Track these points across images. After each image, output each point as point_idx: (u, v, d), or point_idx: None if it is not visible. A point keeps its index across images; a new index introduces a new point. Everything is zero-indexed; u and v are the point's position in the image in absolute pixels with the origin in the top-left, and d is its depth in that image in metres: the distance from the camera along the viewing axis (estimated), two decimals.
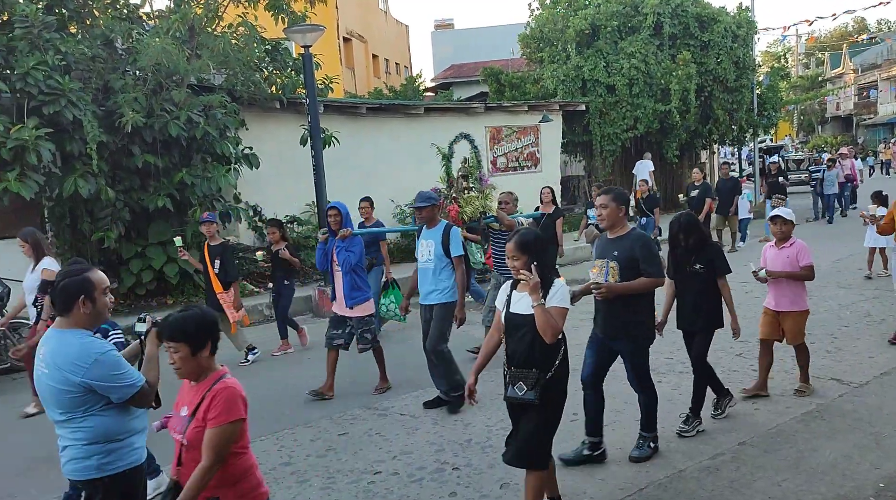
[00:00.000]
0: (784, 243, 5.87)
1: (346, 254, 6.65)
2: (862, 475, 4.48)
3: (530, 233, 3.98)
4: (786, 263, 5.80)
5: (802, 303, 5.83)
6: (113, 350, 3.11)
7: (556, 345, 3.86)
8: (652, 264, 4.69)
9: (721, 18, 19.49)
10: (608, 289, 4.65)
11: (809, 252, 5.76)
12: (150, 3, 11.41)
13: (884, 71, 47.00)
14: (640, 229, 12.83)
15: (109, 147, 9.84)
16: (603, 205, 4.73)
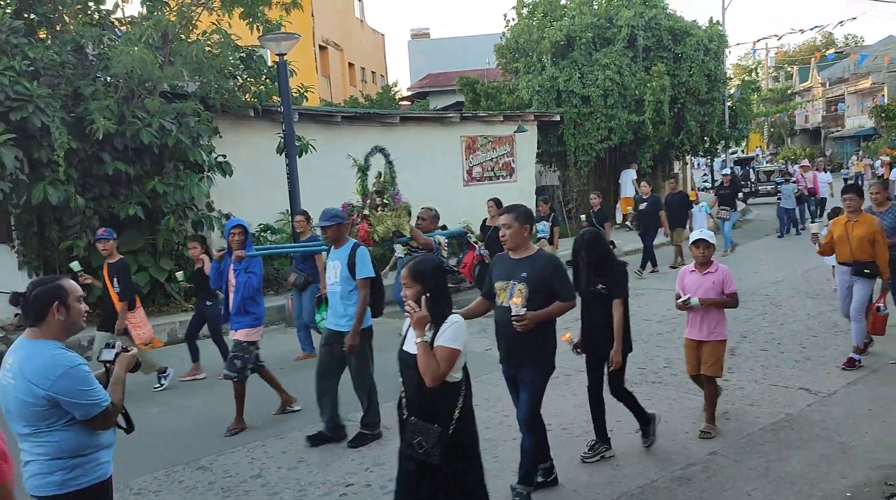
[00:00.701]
0: (707, 269, 5.45)
1: (247, 276, 6.24)
2: (829, 485, 4.54)
3: (428, 261, 3.61)
4: (710, 289, 5.40)
5: (722, 332, 5.48)
6: (84, 365, 3.01)
7: (450, 393, 3.43)
8: (566, 287, 4.48)
9: (693, 32, 19.80)
10: (531, 320, 4.31)
11: (733, 279, 5.44)
12: (122, 10, 11.32)
13: (851, 85, 48.01)
14: None
15: (79, 154, 9.70)
16: (506, 225, 4.43)
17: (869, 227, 6.74)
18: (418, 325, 3.37)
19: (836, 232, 6.99)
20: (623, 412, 6.01)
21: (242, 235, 6.39)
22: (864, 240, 6.72)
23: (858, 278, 6.81)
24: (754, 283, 11.23)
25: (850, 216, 6.91)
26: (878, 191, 7.67)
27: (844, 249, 6.89)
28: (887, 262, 6.71)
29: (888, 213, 7.50)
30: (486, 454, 5.29)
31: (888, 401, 5.91)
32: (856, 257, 6.77)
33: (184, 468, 5.51)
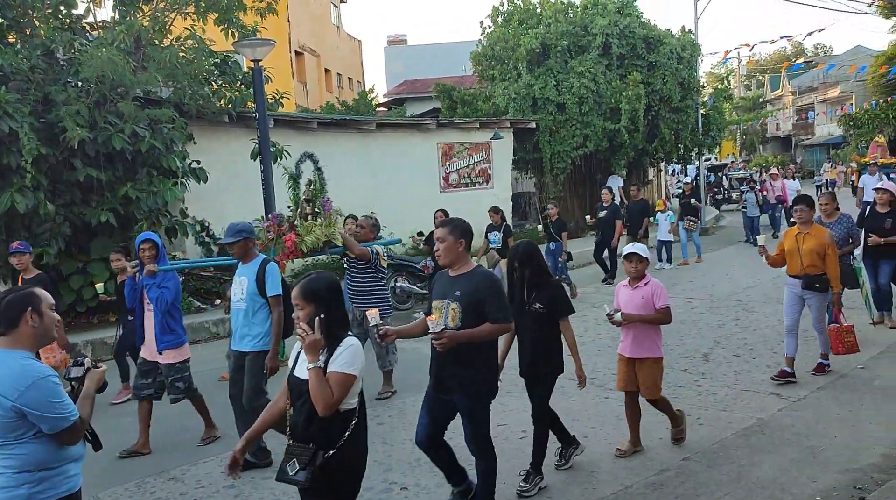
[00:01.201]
0: (639, 283, 5.22)
1: (159, 291, 5.87)
2: (799, 489, 4.60)
3: (322, 279, 3.29)
4: (640, 304, 5.17)
5: (657, 350, 5.23)
6: (54, 377, 2.95)
7: (343, 419, 3.16)
8: (499, 308, 4.13)
9: (667, 40, 20.05)
10: (450, 339, 4.02)
11: (666, 293, 5.22)
12: (93, 14, 11.16)
13: (820, 94, 48.92)
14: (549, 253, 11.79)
15: (49, 160, 9.55)
16: (440, 239, 4.17)
17: (819, 239, 6.58)
18: (310, 349, 3.09)
19: (787, 244, 6.80)
20: (597, 418, 6.06)
21: (153, 249, 6.00)
22: (814, 253, 6.54)
23: (810, 293, 6.65)
24: (727, 289, 11.37)
25: (801, 228, 6.73)
26: (827, 202, 7.70)
27: (795, 261, 6.70)
28: (838, 275, 6.57)
29: (838, 223, 7.57)
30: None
31: (856, 405, 6.01)
32: (806, 271, 6.59)
33: (155, 479, 5.43)
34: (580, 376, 4.94)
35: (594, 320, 9.92)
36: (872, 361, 7.23)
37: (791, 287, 6.82)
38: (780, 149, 56.41)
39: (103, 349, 9.46)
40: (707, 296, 11.16)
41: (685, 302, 10.82)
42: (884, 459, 4.98)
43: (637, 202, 13.97)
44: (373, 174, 14.66)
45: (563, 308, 4.85)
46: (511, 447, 5.58)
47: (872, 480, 4.66)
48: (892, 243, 8.17)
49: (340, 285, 3.39)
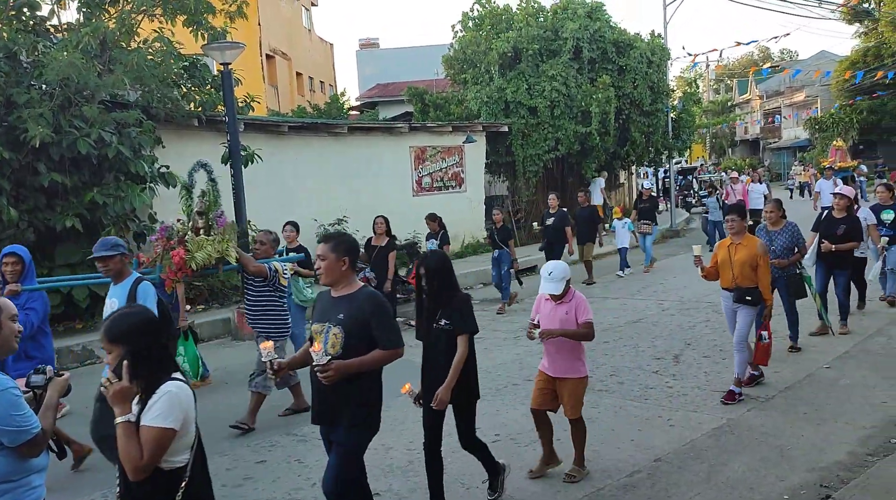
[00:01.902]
0: (562, 298, 4.89)
1: (24, 313, 5.24)
2: (768, 488, 4.66)
3: (131, 315, 2.85)
4: (563, 320, 4.85)
5: (581, 368, 4.92)
6: (14, 388, 2.87)
7: (168, 480, 2.72)
8: (389, 331, 3.77)
9: (637, 45, 20.26)
10: (337, 371, 3.62)
11: (589, 307, 4.91)
12: (58, 16, 10.96)
13: (787, 98, 49.88)
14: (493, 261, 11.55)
15: (12, 164, 9.35)
16: (321, 256, 3.80)
17: (751, 250, 6.31)
18: (116, 400, 2.66)
19: (720, 255, 6.56)
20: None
21: (18, 264, 5.48)
22: (746, 264, 6.29)
23: (741, 306, 6.38)
24: (698, 291, 11.51)
25: (733, 239, 6.49)
26: (772, 210, 7.52)
27: (727, 273, 6.45)
28: (769, 287, 6.35)
29: (783, 232, 7.39)
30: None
31: (822, 405, 6.12)
32: (738, 283, 6.34)
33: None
34: (441, 398, 4.31)
35: None
36: (838, 361, 7.36)
37: (725, 300, 6.64)
38: (749, 152, 57.35)
39: (68, 357, 9.28)
40: (678, 298, 11.28)
41: (657, 304, 10.92)
42: (849, 457, 5.07)
43: (584, 209, 13.38)
44: (345, 178, 14.59)
45: (465, 324, 4.36)
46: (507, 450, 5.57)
47: (838, 478, 4.74)
48: (843, 251, 8.07)
49: (157, 320, 3.03)
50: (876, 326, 8.63)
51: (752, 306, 6.30)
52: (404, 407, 6.61)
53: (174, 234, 6.62)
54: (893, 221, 9.31)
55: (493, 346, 8.93)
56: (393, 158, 16.03)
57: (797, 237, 7.41)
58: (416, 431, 6.01)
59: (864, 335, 8.24)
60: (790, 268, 7.37)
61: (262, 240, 6.82)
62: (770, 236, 7.42)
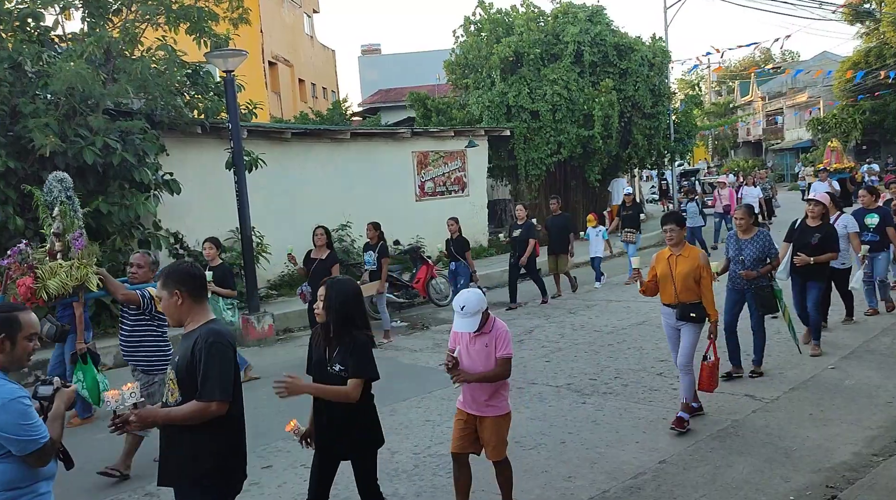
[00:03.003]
0: (480, 330, 4.30)
1: None
2: (774, 489, 4.67)
3: None
4: (480, 354, 4.34)
5: (503, 403, 4.43)
6: (24, 398, 2.90)
7: None
8: (209, 379, 3.15)
9: (638, 48, 20.29)
10: (138, 422, 3.19)
11: (509, 339, 4.38)
12: (62, 26, 11.03)
13: (788, 99, 49.82)
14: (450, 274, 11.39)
15: (18, 174, 9.41)
16: (157, 297, 3.45)
17: (693, 262, 5.79)
18: None
19: (659, 269, 5.98)
20: (574, 423, 6.08)
21: None
22: (688, 278, 5.75)
23: (684, 323, 5.84)
24: None
25: (673, 250, 5.92)
26: (742, 217, 6.96)
27: (668, 288, 5.89)
28: (713, 301, 5.81)
29: (754, 241, 6.86)
30: (439, 469, 5.33)
31: (828, 406, 6.12)
32: (680, 298, 5.79)
33: (129, 495, 5.36)
34: (298, 432, 3.95)
35: (570, 326, 9.98)
36: (843, 361, 7.36)
37: (667, 318, 6.01)
38: (752, 153, 57.26)
39: None
40: None
41: (623, 306, 10.90)
42: (855, 457, 5.07)
43: (557, 217, 12.56)
44: (347, 184, 14.64)
45: (361, 369, 3.76)
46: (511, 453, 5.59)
47: (844, 478, 4.75)
48: (820, 263, 7.49)
49: None
50: (881, 326, 8.62)
51: (697, 322, 5.82)
52: (409, 412, 6.66)
53: (28, 257, 5.87)
54: (878, 226, 8.90)
55: None
56: (395, 164, 16.08)
57: (768, 247, 6.87)
58: (421, 434, 6.05)
59: (869, 336, 8.23)
60: (760, 280, 6.83)
61: (138, 263, 5.92)
62: (739, 246, 6.92)
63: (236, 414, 3.34)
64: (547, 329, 9.91)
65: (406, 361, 8.80)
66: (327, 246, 8.95)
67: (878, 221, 8.93)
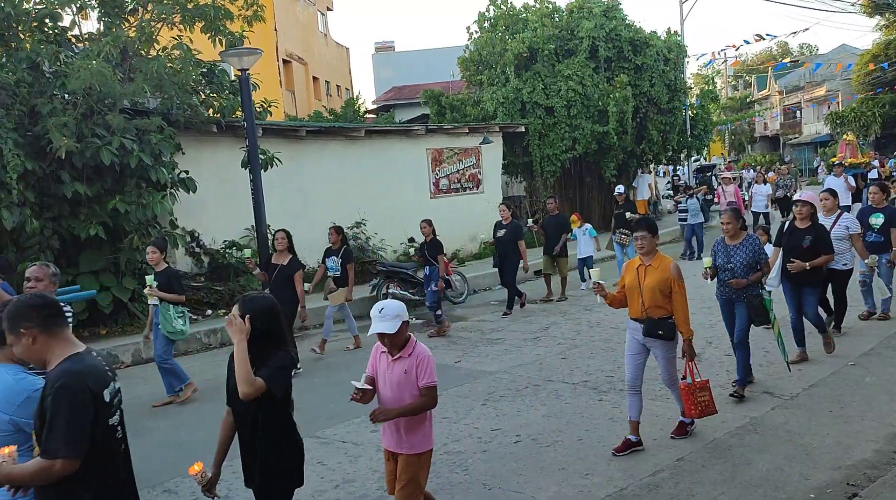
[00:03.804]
0: (399, 352, 3.82)
1: None
2: (793, 487, 4.62)
3: None
4: (400, 381, 3.81)
5: (423, 440, 3.89)
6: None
7: None
8: (52, 432, 2.62)
9: (653, 42, 20.13)
10: None
11: (433, 365, 3.83)
12: (79, 26, 11.12)
13: (806, 93, 49.28)
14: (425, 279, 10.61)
15: (36, 174, 9.50)
16: (10, 342, 2.85)
17: (663, 273, 5.30)
18: None
19: (627, 279, 5.52)
20: (591, 420, 6.05)
21: None
22: (656, 291, 5.27)
23: (654, 341, 5.36)
24: None
25: (643, 259, 5.46)
26: (730, 221, 6.42)
27: (635, 301, 5.42)
28: (688, 318, 5.30)
29: (742, 247, 6.33)
30: (456, 467, 5.33)
31: (848, 403, 6.05)
32: (648, 313, 5.32)
33: (149, 491, 5.40)
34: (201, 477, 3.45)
35: (587, 323, 9.94)
36: (863, 357, 7.27)
37: (633, 332, 5.51)
38: (769, 148, 56.75)
39: None
40: (698, 296, 11.17)
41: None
42: (876, 455, 5.01)
43: (555, 216, 12.26)
44: (362, 181, 14.65)
45: (276, 384, 3.36)
46: (506, 451, 5.59)
47: (865, 476, 4.69)
48: (815, 267, 7.06)
49: None
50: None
51: (667, 340, 5.33)
52: None
53: None
54: (883, 226, 8.36)
55: (512, 347, 8.93)
56: (410, 161, 16.08)
57: (758, 253, 6.35)
58: (438, 431, 5.98)
59: (890, 332, 8.13)
60: (750, 288, 6.30)
61: (36, 276, 5.42)
62: (728, 252, 6.39)
63: (112, 483, 2.77)
64: (563, 326, 9.87)
65: None
66: (288, 250, 8.37)
67: (882, 221, 8.37)
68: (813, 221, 7.24)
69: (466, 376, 7.71)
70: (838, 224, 7.91)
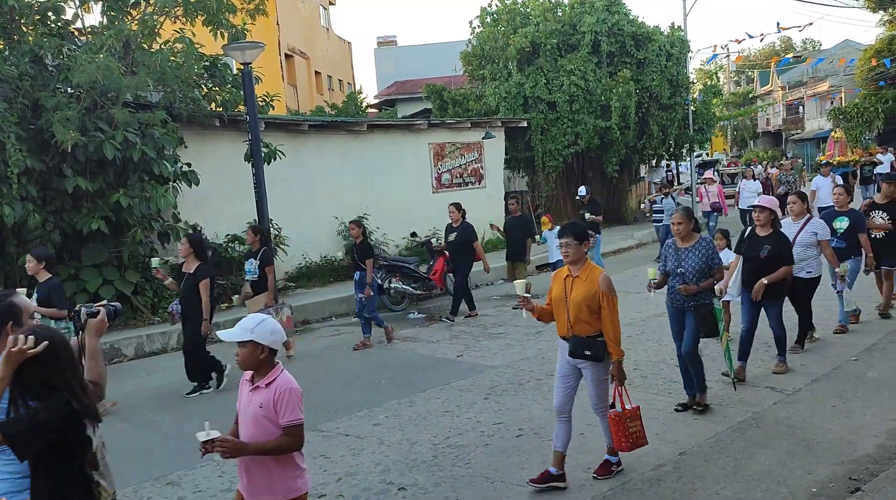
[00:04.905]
0: (259, 380, 3.24)
1: None
2: (795, 481, 4.63)
3: None
4: (258, 416, 3.20)
5: (292, 485, 3.27)
6: None
7: None
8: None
9: (656, 37, 20.10)
10: None
11: (297, 399, 3.21)
12: (81, 20, 11.10)
13: (809, 88, 49.16)
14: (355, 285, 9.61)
15: (38, 168, 9.51)
16: None
17: (590, 286, 4.68)
18: None
19: (554, 290, 4.91)
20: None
21: None
22: (583, 305, 4.67)
23: (583, 363, 4.77)
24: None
25: (571, 270, 4.82)
26: (681, 221, 5.88)
27: (561, 316, 4.82)
28: (618, 337, 4.70)
29: (694, 250, 5.81)
30: (458, 460, 5.34)
31: (850, 397, 6.05)
32: (574, 330, 4.72)
33: (152, 483, 5.42)
34: None
35: None
36: (866, 353, 7.27)
37: (562, 350, 4.92)
38: (771, 144, 56.67)
39: None
40: None
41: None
42: (878, 449, 5.02)
43: (517, 218, 11.47)
44: (364, 176, 14.66)
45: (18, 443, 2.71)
46: (508, 444, 5.60)
47: (867, 471, 4.69)
48: (774, 281, 6.54)
49: None
50: None
51: (596, 361, 4.74)
52: (427, 403, 6.68)
53: None
54: (847, 232, 7.93)
55: (515, 341, 8.94)
56: (412, 156, 16.07)
57: (711, 257, 5.81)
58: (440, 425, 6.07)
59: (892, 327, 8.13)
60: (701, 296, 5.78)
61: None
62: (679, 256, 5.87)
63: None
64: None
65: (424, 352, 8.81)
66: (197, 256, 7.54)
67: (847, 225, 7.93)
68: (774, 229, 6.70)
69: (469, 371, 7.72)
70: (806, 229, 7.30)
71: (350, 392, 7.28)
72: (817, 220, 7.64)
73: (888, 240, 8.22)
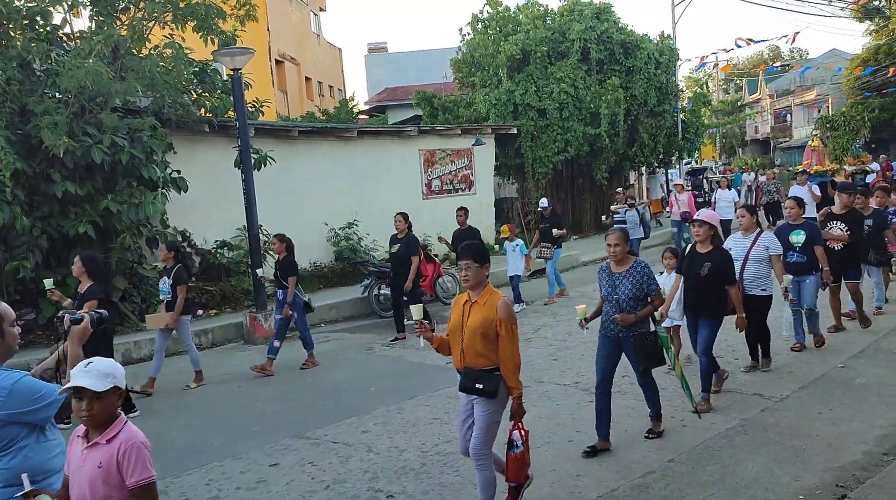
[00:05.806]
0: (98, 435, 2.73)
1: None
2: (783, 488, 4.64)
3: None
4: (95, 479, 2.68)
5: None
6: (26, 376, 3.07)
7: None
8: None
9: (644, 45, 20.24)
10: None
11: (148, 457, 2.72)
12: (70, 25, 11.06)
13: (797, 97, 49.57)
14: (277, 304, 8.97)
15: (26, 172, 9.44)
16: None
17: (488, 312, 4.23)
18: None
19: (452, 317, 4.47)
20: (581, 422, 6.06)
21: None
22: (477, 334, 4.23)
23: (475, 399, 4.34)
24: None
25: (470, 294, 4.39)
26: (617, 242, 5.37)
27: (456, 346, 4.40)
28: (517, 367, 4.29)
29: (629, 275, 5.36)
30: (446, 468, 5.33)
31: (837, 404, 6.08)
32: (467, 362, 4.30)
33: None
34: None
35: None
36: (853, 359, 7.32)
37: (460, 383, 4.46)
38: (760, 151, 57.08)
39: None
40: None
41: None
42: (865, 456, 5.04)
43: (464, 231, 10.84)
44: (354, 182, 14.65)
45: None
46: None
47: (854, 477, 4.72)
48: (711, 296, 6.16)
49: None
50: (891, 325, 8.55)
51: (490, 397, 4.25)
52: (416, 410, 6.66)
53: None
54: (805, 245, 7.52)
55: None
56: (402, 162, 16.08)
57: (646, 283, 5.36)
58: (429, 432, 6.05)
59: (879, 334, 8.18)
60: (638, 325, 5.35)
61: None
62: (613, 281, 5.41)
63: None
64: (554, 327, 9.89)
65: (413, 359, 8.79)
66: (90, 276, 6.81)
67: (804, 238, 7.51)
68: (715, 245, 6.26)
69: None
70: (757, 244, 6.91)
71: (338, 399, 7.25)
72: (768, 233, 7.21)
73: (848, 252, 7.98)
